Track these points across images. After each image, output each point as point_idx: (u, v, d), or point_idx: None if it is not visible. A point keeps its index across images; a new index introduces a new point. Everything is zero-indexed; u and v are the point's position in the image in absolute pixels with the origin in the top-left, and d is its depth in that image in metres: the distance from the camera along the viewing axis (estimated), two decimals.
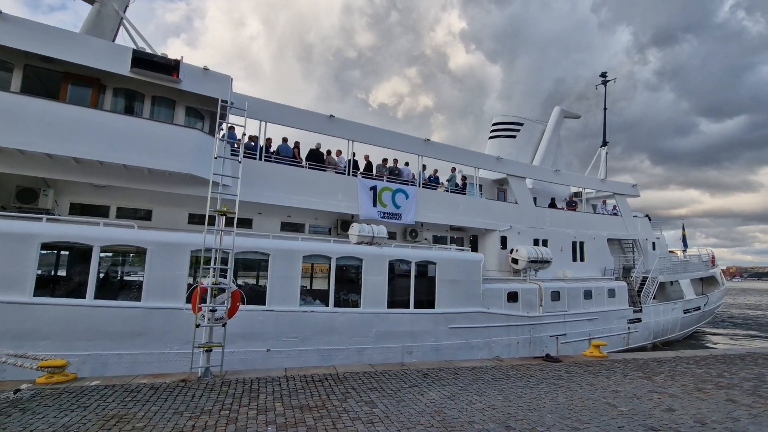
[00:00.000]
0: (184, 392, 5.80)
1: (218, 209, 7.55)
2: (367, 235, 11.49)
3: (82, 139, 8.46)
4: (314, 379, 6.70)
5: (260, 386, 6.20)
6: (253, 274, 11.21)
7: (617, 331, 16.66)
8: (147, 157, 9.08)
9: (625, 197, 21.12)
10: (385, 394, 5.92)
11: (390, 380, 6.75)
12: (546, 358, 8.48)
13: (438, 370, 7.53)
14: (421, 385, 6.45)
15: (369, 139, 13.16)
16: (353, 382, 6.55)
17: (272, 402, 5.40)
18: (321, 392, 5.94)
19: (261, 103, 11.30)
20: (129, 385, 6.02)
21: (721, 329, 27.48)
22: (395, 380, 6.76)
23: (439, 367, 7.71)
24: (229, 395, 5.70)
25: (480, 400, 5.70)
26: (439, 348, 11.91)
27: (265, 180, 11.33)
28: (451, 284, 12.38)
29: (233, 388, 6.09)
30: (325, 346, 10.15)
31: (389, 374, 7.16)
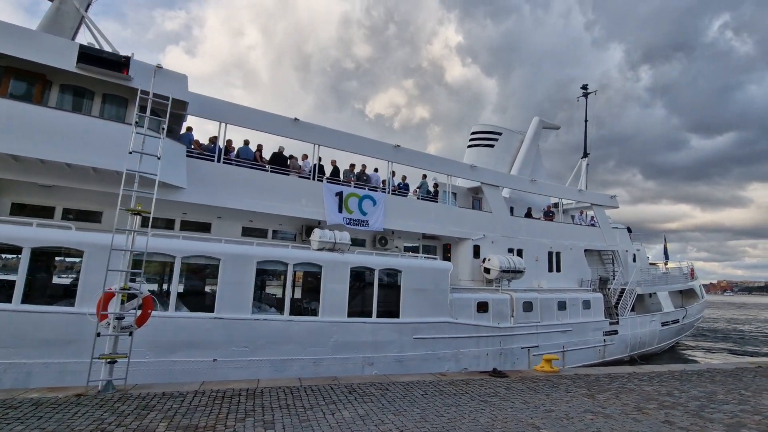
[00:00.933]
0: (68, 409, 5.27)
1: (131, 208, 7.04)
2: (329, 241, 11.15)
3: (21, 135, 8.09)
4: (227, 394, 6.21)
5: (159, 402, 5.70)
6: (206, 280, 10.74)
7: (592, 344, 16.35)
8: (91, 155, 8.71)
9: (604, 208, 21.03)
10: (293, 412, 5.46)
11: (310, 396, 6.30)
12: (493, 372, 8.08)
13: (369, 385, 7.07)
14: (341, 402, 6.01)
15: (336, 143, 12.90)
16: (267, 398, 6.07)
17: (158, 422, 4.92)
18: (222, 410, 5.45)
19: (220, 104, 11.03)
20: (12, 400, 5.46)
21: (705, 342, 27.34)
22: (316, 396, 6.31)
23: (372, 382, 7.24)
24: (116, 413, 5.18)
25: (394, 420, 5.28)
26: (403, 359, 11.50)
27: (224, 183, 10.98)
28: (417, 293, 12.03)
29: (127, 404, 5.57)
30: (279, 356, 9.70)
31: (314, 389, 6.71)
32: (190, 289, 9.93)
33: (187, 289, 9.88)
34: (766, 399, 6.51)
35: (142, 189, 9.54)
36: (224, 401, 5.83)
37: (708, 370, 8.87)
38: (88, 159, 8.71)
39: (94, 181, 9.30)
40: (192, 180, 10.37)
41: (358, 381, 7.35)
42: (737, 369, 9.08)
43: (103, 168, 8.81)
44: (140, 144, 7.34)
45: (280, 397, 6.14)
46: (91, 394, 5.92)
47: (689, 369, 9.13)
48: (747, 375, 8.50)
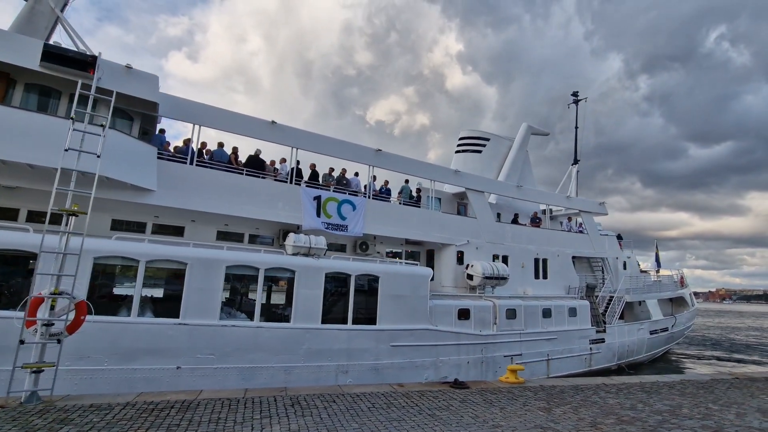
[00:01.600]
0: None
1: (66, 208, 6.72)
2: (303, 245, 10.93)
3: None
4: (159, 407, 5.82)
5: (79, 416, 5.28)
6: (172, 285, 10.44)
7: (578, 352, 16.09)
8: (54, 156, 8.48)
9: (592, 215, 20.87)
10: (220, 427, 5.11)
11: (248, 409, 5.89)
12: (453, 383, 7.75)
13: (317, 396, 6.68)
14: (278, 416, 5.62)
15: (315, 147, 12.72)
16: (200, 412, 5.69)
17: None
18: (145, 424, 5.08)
19: (193, 105, 10.84)
20: None
21: (696, 350, 27.04)
22: (254, 409, 5.90)
23: (321, 393, 6.88)
24: (26, 427, 4.78)
25: None
26: (380, 367, 11.23)
27: (197, 186, 10.75)
28: (395, 299, 11.79)
29: (44, 417, 5.15)
30: (247, 363, 9.43)
31: (255, 401, 6.31)
32: (156, 294, 9.67)
33: (154, 294, 9.61)
34: (731, 414, 6.22)
35: (106, 189, 9.39)
36: (152, 414, 5.47)
37: (681, 382, 8.54)
38: (51, 160, 8.47)
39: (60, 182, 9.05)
40: (163, 182, 10.16)
41: (307, 392, 6.98)
42: (712, 380, 8.73)
43: (42, 165, 8.46)
44: (80, 141, 7.06)
45: (215, 410, 5.80)
46: (11, 406, 5.54)
47: (662, 380, 8.77)
48: (720, 387, 8.20)
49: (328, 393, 6.88)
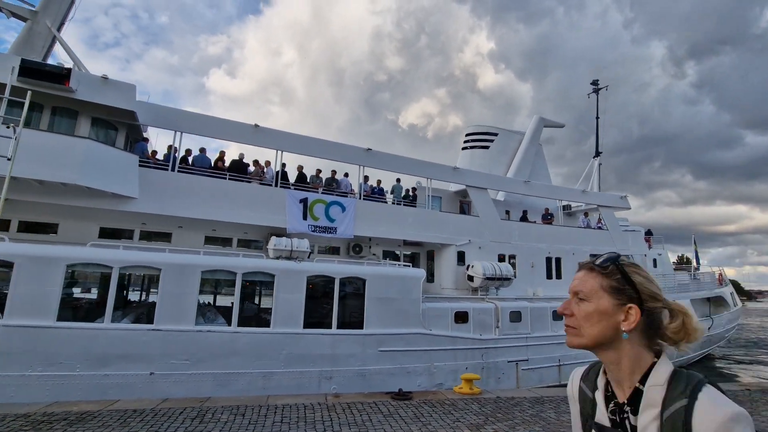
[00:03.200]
0: None
1: None
2: (285, 249, 10.76)
3: None
4: (59, 417, 5.51)
5: None
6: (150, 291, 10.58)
7: (594, 357, 14.93)
8: (37, 167, 8.76)
9: (613, 209, 19.47)
10: None
11: (142, 424, 5.45)
12: (396, 394, 7.03)
13: (230, 408, 6.16)
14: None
15: (302, 149, 12.56)
16: (87, 425, 5.32)
17: None
18: None
19: (174, 112, 10.95)
20: None
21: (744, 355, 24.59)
22: (151, 424, 5.47)
23: (239, 405, 6.31)
24: None
25: None
26: (367, 373, 10.83)
27: (181, 192, 10.84)
28: (384, 303, 11.36)
29: None
30: (224, 369, 9.32)
31: (162, 413, 5.87)
32: (133, 300, 9.78)
33: (132, 300, 9.73)
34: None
35: (87, 198, 9.61)
36: (42, 425, 5.20)
37: None
38: (32, 171, 8.76)
39: (41, 193, 9.36)
40: (146, 190, 10.30)
41: (225, 403, 6.46)
42: None
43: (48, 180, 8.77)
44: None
45: (105, 424, 5.45)
46: None
47: None
48: None
49: (248, 404, 6.38)
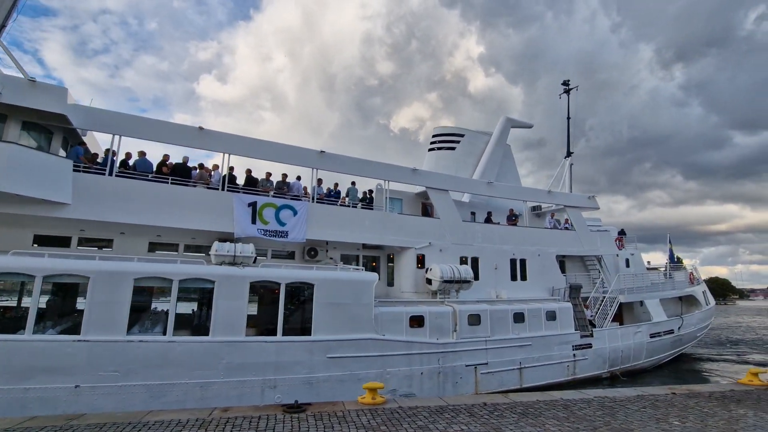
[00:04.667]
0: None
1: None
2: (227, 254, 10.49)
3: None
4: None
5: None
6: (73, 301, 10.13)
7: (558, 359, 14.79)
8: None
9: (580, 210, 19.42)
10: None
11: None
12: (288, 407, 6.47)
13: (101, 425, 5.64)
14: None
15: (250, 152, 12.30)
16: None
17: None
18: None
19: (111, 115, 10.65)
20: None
21: (720, 353, 24.52)
22: None
23: (109, 422, 5.74)
24: None
25: None
26: (314, 381, 10.56)
27: (121, 197, 10.51)
28: (334, 308, 11.12)
29: None
30: (157, 380, 9.00)
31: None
32: (59, 310, 9.43)
33: (58, 310, 9.38)
34: None
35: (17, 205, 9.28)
36: None
37: (595, 399, 6.85)
38: None
39: None
40: (81, 196, 9.98)
41: (95, 420, 5.89)
42: (638, 397, 7.21)
43: None
44: None
45: None
46: None
47: (573, 397, 7.22)
48: (635, 406, 6.80)
49: (119, 422, 5.83)
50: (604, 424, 5.77)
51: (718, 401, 7.06)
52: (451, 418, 5.99)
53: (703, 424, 5.75)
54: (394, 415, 6.10)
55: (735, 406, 6.78)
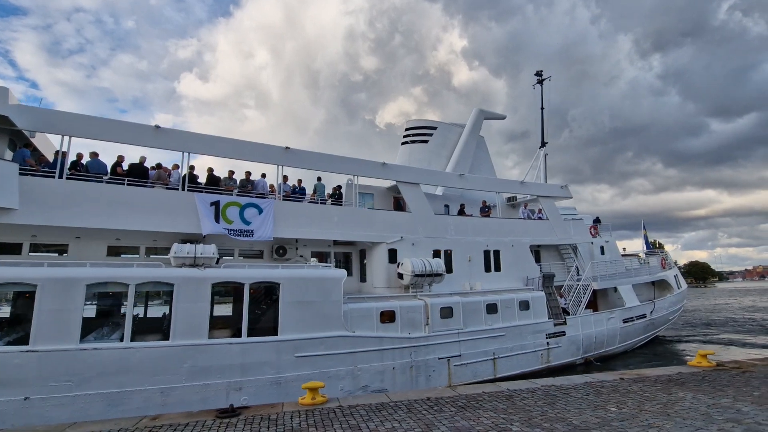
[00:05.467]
0: None
1: None
2: (188, 256, 10.19)
3: None
4: None
5: None
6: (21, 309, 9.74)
7: (533, 348, 14.92)
8: None
9: (554, 199, 19.55)
10: None
11: None
12: (223, 411, 6.19)
13: None
14: None
15: (211, 150, 11.96)
16: None
17: None
18: None
19: (59, 115, 10.19)
20: None
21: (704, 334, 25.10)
22: None
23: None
24: None
25: None
26: (283, 381, 10.40)
27: (73, 201, 10.09)
28: (301, 306, 10.95)
29: None
30: (115, 388, 8.71)
31: None
32: (8, 320, 9.05)
33: (6, 320, 9.00)
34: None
35: None
36: None
37: (541, 388, 7.02)
38: None
39: None
40: (29, 200, 9.54)
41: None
42: (585, 384, 7.29)
43: None
44: None
45: None
46: None
47: (517, 387, 7.22)
48: (578, 393, 6.77)
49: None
50: (540, 413, 5.74)
51: (662, 385, 7.13)
52: (388, 415, 5.88)
53: (639, 409, 5.76)
54: (330, 415, 5.96)
55: (677, 388, 6.84)
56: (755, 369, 8.23)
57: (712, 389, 6.80)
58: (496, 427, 5.26)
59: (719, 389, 6.78)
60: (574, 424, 5.26)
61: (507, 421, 5.41)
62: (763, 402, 5.96)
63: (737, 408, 5.76)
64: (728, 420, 5.29)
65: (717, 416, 5.47)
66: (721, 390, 6.71)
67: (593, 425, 5.24)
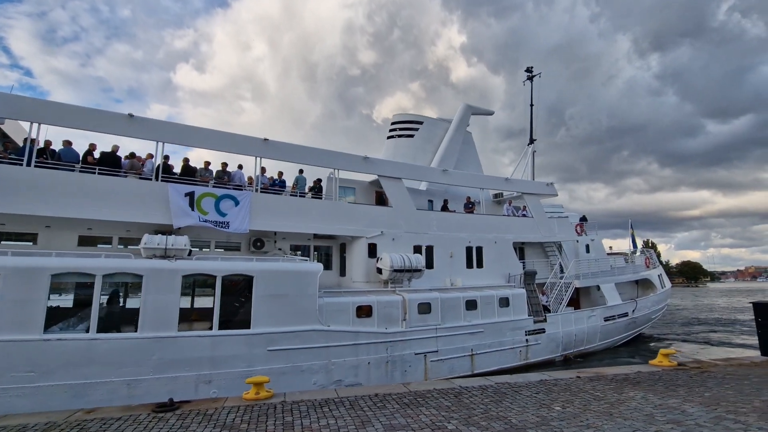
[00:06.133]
0: None
1: None
2: (158, 247, 10.07)
3: None
4: None
5: None
6: None
7: (511, 345, 14.94)
8: None
9: (538, 197, 19.51)
10: None
11: None
12: (160, 406, 6.14)
13: None
14: None
15: (185, 140, 11.79)
16: None
17: None
18: None
19: (28, 101, 9.98)
20: None
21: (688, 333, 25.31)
22: None
23: None
24: None
25: None
26: (253, 374, 10.29)
27: (41, 189, 9.93)
28: (275, 300, 10.87)
29: None
30: (80, 380, 8.62)
31: None
32: None
33: None
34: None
35: None
36: None
37: (493, 385, 6.98)
38: None
39: None
40: None
41: None
42: (540, 383, 7.25)
43: None
44: None
45: None
46: None
47: (469, 384, 7.13)
48: (527, 392, 6.69)
49: None
50: (483, 411, 5.68)
51: (616, 384, 7.11)
52: (328, 411, 5.79)
53: (584, 409, 5.72)
54: (269, 411, 5.86)
55: (630, 388, 6.82)
56: (715, 369, 8.26)
57: (664, 389, 6.79)
58: (432, 425, 5.22)
59: (672, 389, 6.77)
60: (512, 423, 5.23)
61: (446, 419, 5.37)
62: (710, 403, 5.96)
63: (683, 409, 5.74)
64: (669, 421, 5.28)
65: (659, 417, 5.45)
66: (673, 390, 6.71)
67: (531, 424, 5.21)
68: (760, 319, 10.14)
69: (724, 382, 7.28)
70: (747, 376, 7.74)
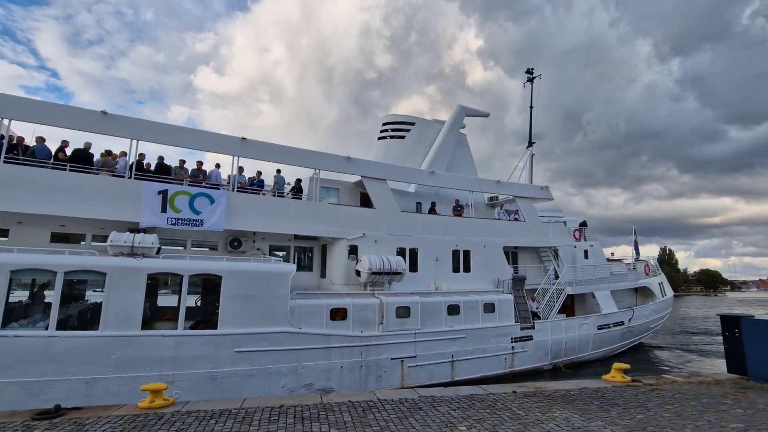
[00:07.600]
0: None
1: None
2: (124, 245, 9.98)
3: None
4: None
5: None
6: None
7: (495, 352, 14.50)
8: None
9: (532, 201, 19.03)
10: None
11: None
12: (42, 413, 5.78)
13: None
14: None
15: (160, 138, 11.72)
16: None
17: None
18: None
19: (1, 97, 10.00)
20: None
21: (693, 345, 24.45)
22: None
23: None
24: None
25: None
26: (219, 376, 10.16)
27: (10, 185, 9.93)
28: (244, 300, 10.68)
29: None
30: (35, 377, 8.54)
31: None
32: None
33: None
34: None
35: None
36: None
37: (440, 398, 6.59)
38: None
39: None
40: None
41: None
42: (486, 395, 6.85)
43: None
44: None
45: None
46: None
47: (424, 395, 6.73)
48: (445, 407, 6.24)
49: None
50: (380, 428, 5.30)
51: (549, 401, 6.62)
52: (214, 423, 5.40)
53: (490, 431, 5.24)
54: (158, 421, 5.50)
55: (561, 407, 6.28)
56: (669, 387, 7.67)
57: (597, 409, 6.23)
58: None
59: (604, 410, 6.25)
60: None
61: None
62: (636, 427, 5.41)
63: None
64: None
65: None
66: (605, 411, 6.16)
67: None
68: (727, 333, 9.14)
69: (669, 402, 6.70)
70: (699, 396, 7.16)
